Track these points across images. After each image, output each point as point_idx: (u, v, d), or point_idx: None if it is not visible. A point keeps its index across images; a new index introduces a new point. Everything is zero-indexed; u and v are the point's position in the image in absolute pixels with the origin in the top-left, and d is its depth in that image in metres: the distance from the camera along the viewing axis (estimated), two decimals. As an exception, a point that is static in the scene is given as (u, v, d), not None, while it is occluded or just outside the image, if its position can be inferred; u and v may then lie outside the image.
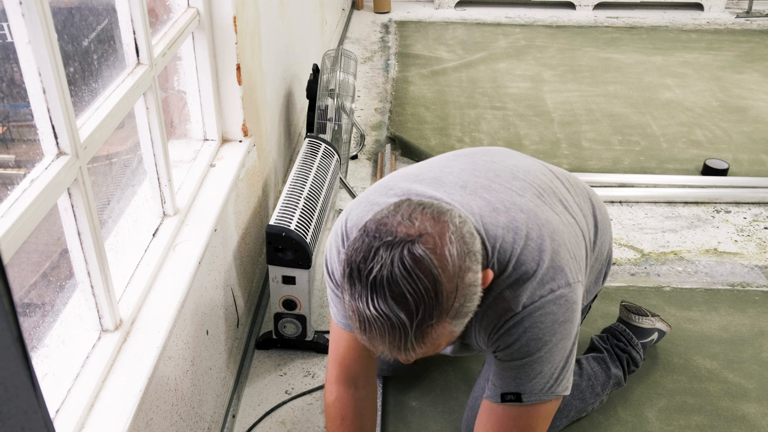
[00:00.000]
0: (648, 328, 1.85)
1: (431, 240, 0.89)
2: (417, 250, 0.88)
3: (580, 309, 1.15)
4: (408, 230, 0.90)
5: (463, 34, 4.52)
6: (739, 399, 1.79)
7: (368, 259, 0.90)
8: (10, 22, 0.95)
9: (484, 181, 1.19)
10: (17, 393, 0.53)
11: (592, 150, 3.03)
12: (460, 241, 0.92)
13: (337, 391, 1.33)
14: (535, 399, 1.15)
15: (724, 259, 2.35)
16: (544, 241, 1.12)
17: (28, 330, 1.14)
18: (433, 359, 1.87)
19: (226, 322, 1.73)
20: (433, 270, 0.88)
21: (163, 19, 1.62)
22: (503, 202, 1.15)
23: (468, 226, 0.98)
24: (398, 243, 0.89)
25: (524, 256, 1.10)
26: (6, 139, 1.11)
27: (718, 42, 4.40)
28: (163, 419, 1.28)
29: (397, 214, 0.93)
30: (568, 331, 1.12)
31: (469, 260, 0.92)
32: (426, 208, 0.95)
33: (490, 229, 1.11)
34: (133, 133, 1.45)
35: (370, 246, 0.90)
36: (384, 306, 0.88)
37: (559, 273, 1.11)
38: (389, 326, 0.89)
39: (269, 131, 2.26)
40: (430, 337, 0.91)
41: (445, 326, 0.92)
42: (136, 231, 1.46)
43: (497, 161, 1.28)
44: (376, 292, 0.88)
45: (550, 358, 1.13)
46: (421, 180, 1.20)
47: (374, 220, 0.94)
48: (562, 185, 1.32)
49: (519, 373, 1.14)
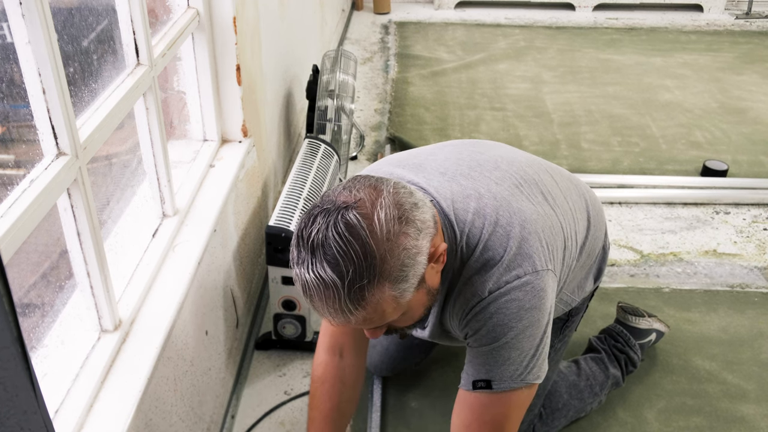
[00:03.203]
0: (645, 329, 1.85)
1: (364, 206, 0.95)
2: (349, 215, 0.93)
3: (549, 297, 1.16)
4: (346, 198, 0.96)
5: (462, 35, 4.52)
6: (738, 400, 1.79)
7: (308, 225, 0.95)
8: (10, 22, 0.95)
9: (465, 169, 1.22)
10: (17, 393, 0.53)
11: (592, 151, 3.03)
12: (393, 206, 0.96)
13: (322, 357, 1.39)
14: (505, 386, 1.16)
15: (724, 261, 2.35)
16: (513, 228, 1.14)
17: (28, 330, 1.14)
18: (433, 359, 1.87)
19: (226, 322, 1.73)
20: (362, 233, 0.92)
21: (163, 19, 1.62)
22: (477, 189, 1.18)
23: (414, 196, 1.01)
24: (335, 210, 0.95)
25: (491, 241, 1.13)
26: (6, 140, 1.11)
27: (718, 43, 4.40)
28: (163, 420, 1.28)
29: (343, 187, 0.99)
30: (536, 318, 1.13)
31: (403, 225, 0.96)
32: (370, 180, 1.00)
33: (460, 214, 1.14)
34: (132, 133, 1.45)
35: (311, 214, 0.97)
36: (320, 268, 0.93)
37: (526, 260, 1.13)
38: (324, 288, 0.93)
39: (269, 132, 2.26)
40: (368, 301, 0.95)
41: (384, 291, 0.95)
42: (135, 231, 1.46)
43: (484, 152, 1.30)
44: (314, 256, 0.93)
45: (518, 345, 1.14)
46: (404, 165, 1.25)
47: (324, 193, 1.01)
48: (551, 179, 1.33)
49: (488, 360, 1.16)
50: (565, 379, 1.67)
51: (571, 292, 1.44)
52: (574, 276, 1.39)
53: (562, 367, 1.71)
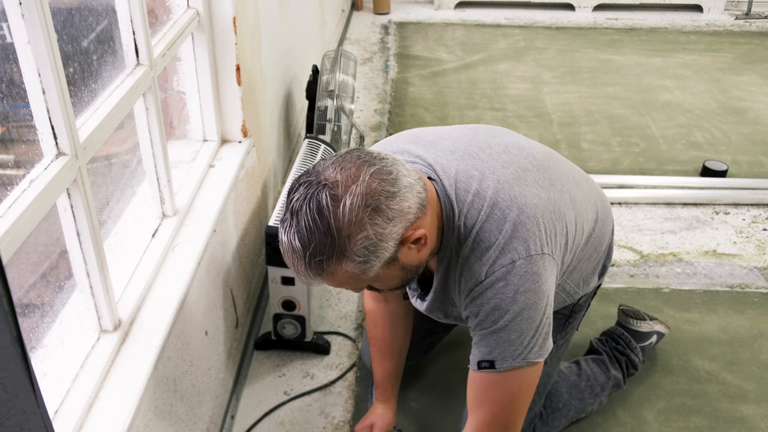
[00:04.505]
0: (646, 332, 1.85)
1: (337, 189, 1.01)
2: (321, 195, 1.01)
3: (546, 280, 1.18)
4: (327, 176, 1.03)
5: (462, 35, 4.52)
6: (738, 400, 1.79)
7: (293, 191, 1.05)
8: (10, 22, 0.95)
9: (475, 150, 1.25)
10: (16, 393, 0.53)
11: (592, 151, 3.03)
12: (363, 194, 1.01)
13: (370, 304, 1.60)
14: (507, 365, 1.21)
15: (723, 261, 2.35)
16: (511, 211, 1.16)
17: (27, 330, 1.14)
18: (433, 360, 1.87)
19: (225, 322, 1.73)
20: (327, 214, 1.00)
21: (163, 19, 1.62)
22: (482, 171, 1.21)
23: (397, 184, 1.04)
24: (314, 184, 1.02)
25: (488, 223, 1.16)
26: (5, 140, 1.11)
27: (718, 44, 4.40)
28: (162, 420, 1.28)
29: (333, 161, 1.05)
30: (532, 300, 1.16)
31: (369, 213, 1.01)
32: (358, 159, 1.05)
33: (461, 194, 1.18)
34: (132, 133, 1.45)
35: (298, 181, 1.05)
36: (291, 234, 1.03)
37: (521, 244, 1.15)
38: (292, 252, 1.04)
39: (269, 132, 2.26)
40: (327, 273, 1.04)
41: (343, 267, 1.04)
42: (135, 231, 1.46)
43: (497, 136, 1.32)
44: (290, 220, 1.03)
45: (516, 327, 1.18)
46: (418, 142, 1.29)
47: (321, 159, 1.08)
48: (563, 167, 1.34)
49: (489, 342, 1.21)
50: (566, 379, 1.68)
51: (576, 285, 1.44)
52: (580, 267, 1.40)
53: (563, 368, 1.71)
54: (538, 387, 1.55)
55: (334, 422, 1.73)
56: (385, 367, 1.61)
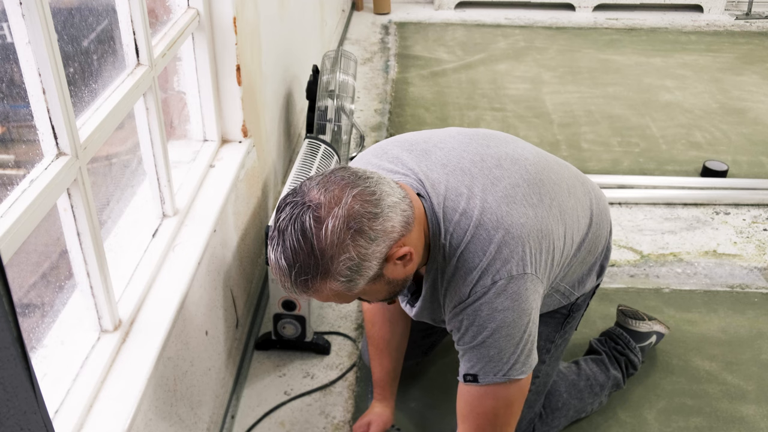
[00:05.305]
0: (646, 332, 1.85)
1: (320, 212, 1.03)
2: (305, 217, 1.03)
3: (527, 299, 1.19)
4: (312, 197, 1.04)
5: (462, 35, 4.52)
6: (738, 400, 1.79)
7: (279, 210, 1.07)
8: (10, 22, 0.95)
9: (466, 164, 1.25)
10: (16, 393, 0.53)
11: (592, 151, 3.03)
12: (345, 217, 1.03)
13: (368, 304, 1.60)
14: (489, 380, 1.24)
15: (724, 261, 2.35)
16: (497, 233, 1.17)
17: (28, 330, 1.14)
18: (432, 360, 1.87)
19: (226, 322, 1.73)
20: (311, 237, 1.03)
21: (163, 19, 1.62)
22: (471, 188, 1.21)
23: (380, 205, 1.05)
24: (299, 205, 1.04)
25: (473, 244, 1.17)
26: (6, 140, 1.11)
27: (718, 44, 4.40)
28: (162, 420, 1.28)
29: (318, 181, 1.07)
30: (511, 318, 1.18)
31: (351, 235, 1.03)
32: (342, 180, 1.06)
33: (448, 212, 1.19)
34: (132, 133, 1.45)
35: (285, 200, 1.07)
36: (278, 252, 1.05)
37: (503, 265, 1.17)
38: (278, 269, 1.07)
39: (269, 132, 2.26)
40: (314, 290, 1.07)
41: (327, 285, 1.06)
42: (135, 231, 1.46)
43: (492, 146, 1.31)
44: (278, 238, 1.06)
45: (495, 344, 1.20)
46: (412, 150, 1.29)
47: (308, 179, 1.09)
48: (555, 177, 1.33)
49: (471, 356, 1.24)
50: (565, 378, 1.68)
51: (571, 286, 1.44)
52: (573, 271, 1.40)
53: (562, 368, 1.71)
54: (538, 387, 1.55)
55: (334, 422, 1.73)
56: (384, 366, 1.62)
